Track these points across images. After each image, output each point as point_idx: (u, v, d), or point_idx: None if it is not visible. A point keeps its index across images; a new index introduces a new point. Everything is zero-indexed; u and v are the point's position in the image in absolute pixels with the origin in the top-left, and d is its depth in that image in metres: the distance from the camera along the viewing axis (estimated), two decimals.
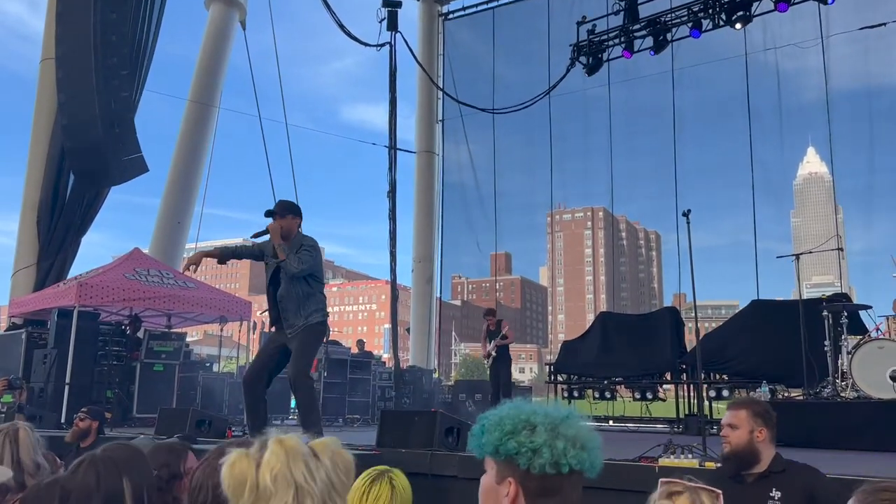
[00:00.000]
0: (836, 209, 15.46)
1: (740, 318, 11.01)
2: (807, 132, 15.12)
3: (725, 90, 15.17)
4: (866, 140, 13.58)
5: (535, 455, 1.33)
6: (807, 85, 14.38)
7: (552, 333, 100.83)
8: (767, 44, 13.69)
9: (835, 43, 13.20)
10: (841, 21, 12.76)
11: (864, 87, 13.78)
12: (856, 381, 7.23)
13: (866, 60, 13.34)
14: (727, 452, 3.23)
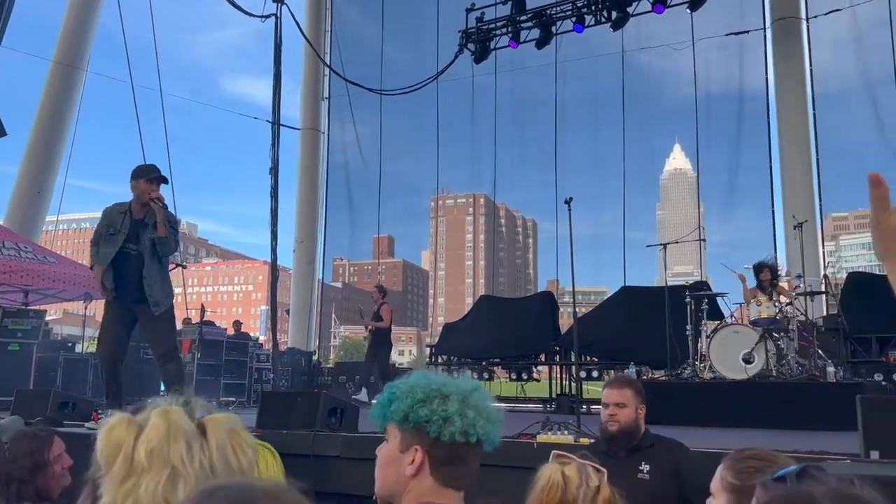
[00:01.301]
0: (699, 204, 16.53)
1: (611, 303, 11.59)
2: (674, 129, 16.03)
3: (604, 85, 15.81)
4: (728, 140, 14.57)
5: (445, 423, 1.35)
6: (676, 85, 15.26)
7: (432, 316, 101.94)
8: (642, 43, 14.37)
9: (704, 47, 14.05)
10: (710, 26, 13.58)
11: (728, 90, 14.74)
12: (713, 362, 7.80)
13: (731, 65, 14.29)
14: (616, 430, 3.30)
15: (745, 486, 1.61)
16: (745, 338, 7.62)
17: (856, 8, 12.38)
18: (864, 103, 12.81)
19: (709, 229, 15.39)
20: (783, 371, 7.55)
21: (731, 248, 16.01)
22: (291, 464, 4.85)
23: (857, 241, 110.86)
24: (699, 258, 14.54)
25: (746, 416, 6.91)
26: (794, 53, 12.76)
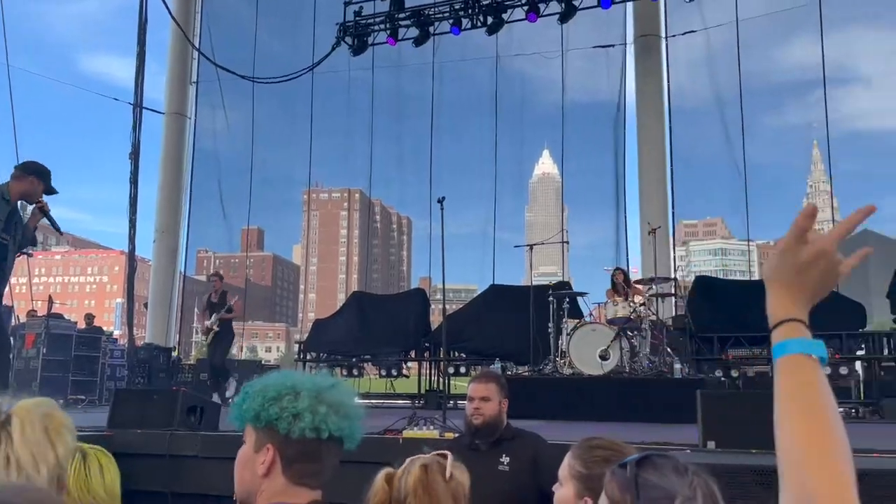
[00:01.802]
0: (564, 207, 17.22)
1: (480, 301, 11.89)
2: (543, 135, 16.59)
3: (478, 88, 16.11)
4: (591, 148, 15.30)
5: (295, 420, 1.34)
6: (546, 92, 15.81)
7: (303, 312, 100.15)
8: (516, 49, 14.79)
9: (573, 57, 14.67)
10: (579, 38, 14.20)
11: (593, 99, 15.46)
12: (572, 359, 8.18)
13: (597, 76, 15.00)
14: (480, 423, 3.36)
15: (592, 475, 1.70)
16: (601, 336, 8.05)
17: (709, 31, 13.37)
18: (714, 120, 13.87)
19: (572, 232, 16.08)
20: (635, 367, 8.04)
21: (592, 251, 16.84)
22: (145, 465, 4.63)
23: (705, 246, 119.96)
24: (563, 259, 15.16)
25: (602, 409, 7.29)
26: (654, 69, 13.60)
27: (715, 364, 9.73)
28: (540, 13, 11.94)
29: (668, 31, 13.61)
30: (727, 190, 13.75)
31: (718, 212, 15.41)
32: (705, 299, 10.35)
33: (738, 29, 13.15)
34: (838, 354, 9.28)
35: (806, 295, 0.99)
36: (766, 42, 14.32)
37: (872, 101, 19.80)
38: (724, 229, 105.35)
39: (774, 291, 1.00)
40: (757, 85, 14.04)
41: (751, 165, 13.63)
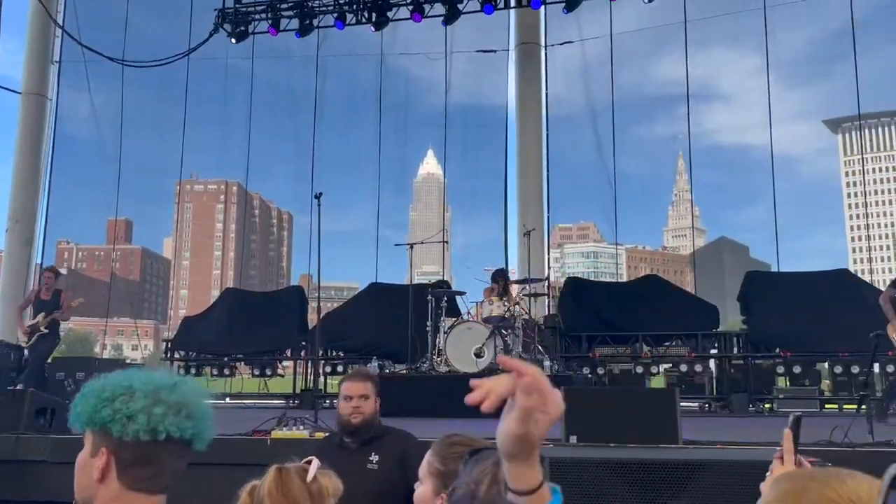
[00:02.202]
0: (447, 208, 17.42)
1: (359, 299, 11.82)
2: (428, 135, 16.72)
3: (363, 85, 16.00)
4: (473, 150, 15.57)
5: (129, 421, 1.27)
6: (431, 93, 15.95)
7: (173, 309, 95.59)
8: (401, 48, 14.82)
9: (457, 59, 14.87)
10: (463, 41, 14.41)
11: (476, 102, 15.74)
12: (448, 357, 8.30)
13: (480, 80, 15.29)
14: (360, 422, 3.33)
15: (449, 471, 1.73)
16: (477, 334, 8.22)
17: (585, 42, 13.95)
18: (588, 129, 14.49)
19: (454, 232, 16.32)
20: None
21: (472, 251, 17.17)
22: None
23: (579, 249, 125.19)
24: (443, 259, 15.32)
25: (477, 406, 7.42)
26: (534, 77, 14.03)
27: (583, 362, 10.16)
28: (425, 14, 12.03)
29: (547, 40, 14.08)
30: (599, 196, 14.40)
31: (591, 217, 16.19)
32: (575, 300, 10.80)
33: (612, 43, 13.81)
34: (693, 353, 9.93)
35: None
36: (638, 57, 15.13)
37: (731, 118, 21.34)
38: (597, 233, 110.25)
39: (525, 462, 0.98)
40: (629, 97, 14.80)
41: (621, 174, 14.35)
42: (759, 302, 10.07)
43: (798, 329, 9.47)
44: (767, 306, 9.91)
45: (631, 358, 10.17)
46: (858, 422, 4.52)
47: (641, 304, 10.44)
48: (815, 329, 9.28)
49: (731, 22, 14.19)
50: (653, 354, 10.19)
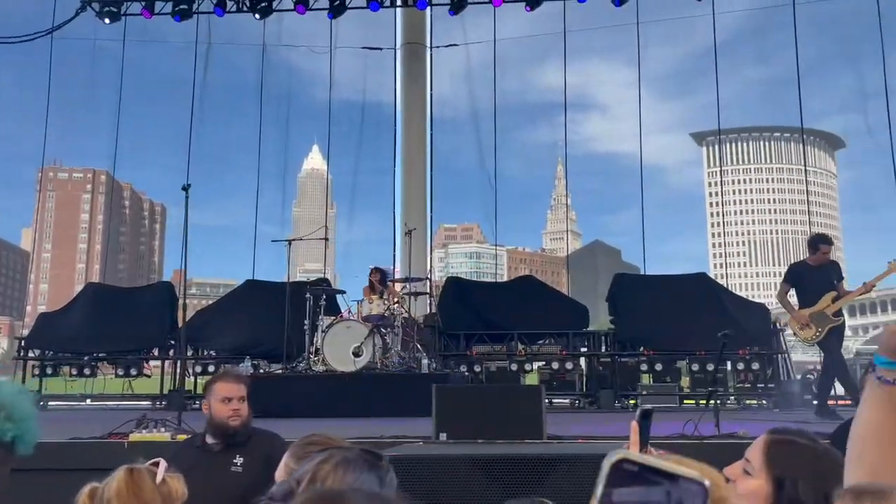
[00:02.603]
0: (331, 204, 17.20)
1: (233, 297, 11.45)
2: (313, 130, 16.45)
3: (245, 76, 15.57)
4: (359, 147, 15.47)
5: None
6: (316, 87, 15.71)
7: (32, 305, 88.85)
8: (284, 40, 14.50)
9: (343, 55, 14.71)
10: (350, 37, 14.30)
11: (362, 100, 15.63)
12: (326, 356, 8.18)
13: (367, 77, 15.20)
14: (239, 425, 3.25)
15: None
16: (356, 333, 8.16)
17: (469, 46, 14.21)
18: (471, 131, 14.76)
19: (340, 229, 16.14)
20: (387, 363, 8.26)
21: (358, 248, 17.04)
22: None
23: (463, 250, 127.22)
24: (325, 256, 15.13)
25: (354, 405, 7.39)
26: (419, 77, 14.11)
27: (461, 360, 10.31)
28: (309, 6, 11.83)
29: (433, 41, 14.21)
30: (481, 198, 14.70)
31: (474, 218, 16.47)
32: (454, 299, 10.95)
33: (495, 48, 14.13)
34: (565, 351, 10.31)
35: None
36: (520, 63, 15.58)
37: (607, 127, 22.32)
38: (480, 234, 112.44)
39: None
40: (511, 102, 15.25)
41: (502, 177, 14.73)
42: (625, 303, 10.59)
43: (660, 329, 10.03)
44: (633, 307, 10.45)
45: (507, 356, 10.42)
46: (709, 416, 4.85)
47: (517, 304, 10.72)
48: (675, 329, 9.85)
49: (607, 35, 14.88)
50: (527, 352, 10.49)
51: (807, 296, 7.05)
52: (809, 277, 7.14)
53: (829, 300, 6.87)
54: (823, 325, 6.85)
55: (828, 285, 6.96)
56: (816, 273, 7.08)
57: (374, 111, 15.19)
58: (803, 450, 1.58)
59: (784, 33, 13.54)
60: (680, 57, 17.25)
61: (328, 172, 17.06)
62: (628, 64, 14.58)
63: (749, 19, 15.06)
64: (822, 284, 6.98)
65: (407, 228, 9.78)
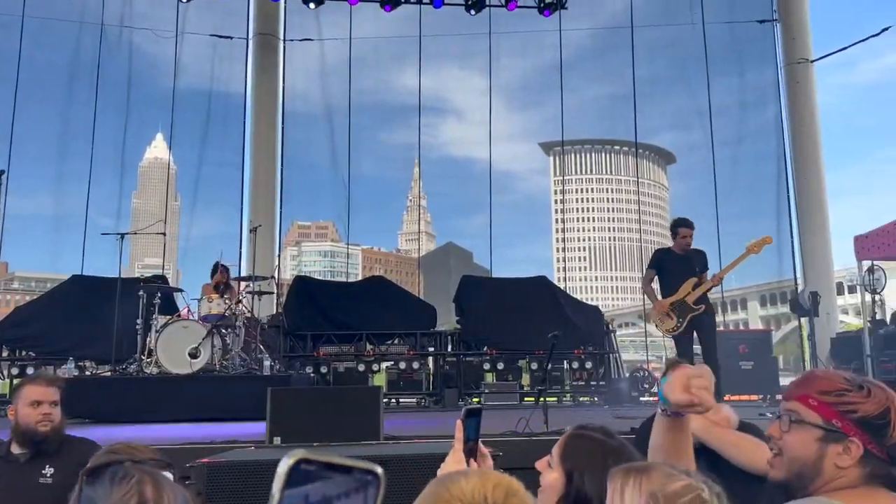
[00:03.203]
0: (175, 196, 16.30)
1: (56, 293, 10.59)
2: (158, 118, 15.51)
3: (79, 56, 14.35)
4: (207, 138, 14.74)
5: None
6: (161, 73, 14.81)
7: None
8: (125, 20, 13.59)
9: (191, 41, 14.00)
10: (199, 23, 13.62)
11: (211, 89, 14.90)
12: (159, 357, 7.76)
13: (216, 66, 14.52)
14: (49, 431, 3.02)
15: None
16: (193, 333, 7.80)
17: (325, 42, 14.00)
18: (325, 128, 14.53)
19: (184, 223, 15.33)
20: (226, 365, 7.96)
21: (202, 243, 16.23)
22: None
23: (317, 248, 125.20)
24: (164, 251, 14.35)
25: (190, 409, 7.06)
26: (271, 70, 13.72)
27: (307, 361, 10.15)
28: None
29: (286, 34, 13.87)
30: (334, 196, 14.51)
31: (328, 216, 16.24)
32: (301, 299, 10.76)
33: (351, 46, 14.02)
34: (413, 351, 10.44)
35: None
36: (377, 64, 15.51)
37: (461, 132, 22.78)
38: (335, 233, 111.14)
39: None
40: (367, 102, 15.12)
41: (358, 176, 14.61)
42: (470, 304, 10.89)
43: (502, 329, 10.41)
44: (478, 308, 10.77)
45: (354, 356, 10.38)
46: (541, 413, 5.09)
47: (366, 304, 10.71)
48: (516, 329, 10.26)
49: (462, 42, 15.19)
50: (375, 353, 10.51)
51: (669, 284, 6.70)
52: (672, 264, 6.79)
53: (689, 287, 6.51)
54: (684, 315, 6.47)
55: (690, 273, 6.57)
56: (680, 260, 6.73)
57: (222, 102, 14.53)
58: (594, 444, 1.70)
59: (623, 54, 14.47)
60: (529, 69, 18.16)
61: (172, 163, 16.17)
62: (482, 72, 14.97)
63: (593, 38, 15.95)
64: (684, 272, 6.60)
65: (252, 225, 9.47)
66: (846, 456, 1.36)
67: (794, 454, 1.41)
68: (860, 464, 1.36)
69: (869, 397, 1.37)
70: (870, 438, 1.35)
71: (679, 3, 14.53)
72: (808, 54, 13.34)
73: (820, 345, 11.24)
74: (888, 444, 1.35)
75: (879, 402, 1.37)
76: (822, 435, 1.38)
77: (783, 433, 1.44)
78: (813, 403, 1.40)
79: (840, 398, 1.38)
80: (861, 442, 1.35)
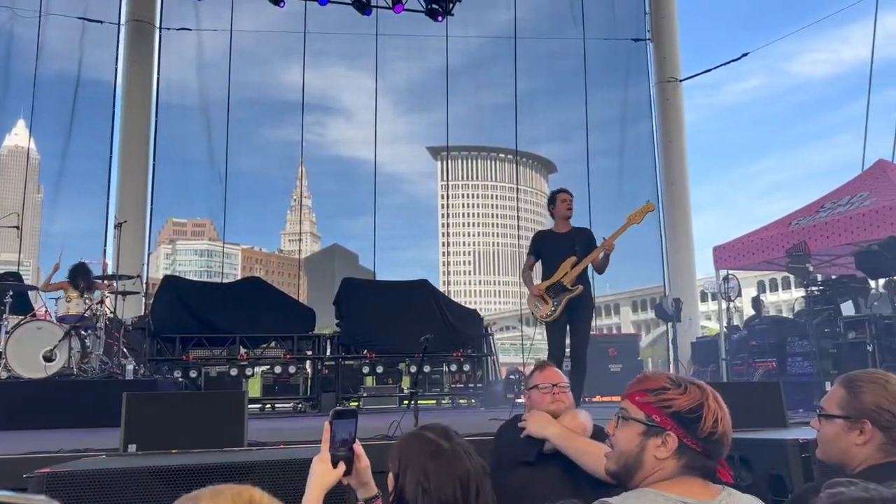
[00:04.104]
0: (38, 188, 15.13)
1: None
2: (20, 103, 14.40)
3: None
4: (72, 126, 13.81)
5: None
6: (23, 55, 13.73)
7: None
8: None
9: (56, 23, 13.08)
10: (64, 4, 12.75)
11: (79, 75, 13.99)
12: (9, 360, 7.17)
13: (85, 51, 13.63)
14: None
15: None
16: (48, 335, 7.27)
17: (203, 33, 13.46)
18: (201, 122, 13.95)
19: (47, 216, 14.30)
20: (85, 369, 7.46)
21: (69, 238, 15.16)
22: None
23: (193, 246, 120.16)
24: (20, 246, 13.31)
25: (41, 416, 6.57)
26: (145, 58, 13.04)
27: (175, 364, 9.68)
28: None
29: (163, 21, 13.22)
30: (210, 193, 13.96)
31: (205, 213, 15.62)
32: (170, 299, 10.25)
33: (231, 38, 13.55)
34: (289, 355, 10.19)
35: None
36: (259, 58, 15.10)
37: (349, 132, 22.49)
38: (213, 231, 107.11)
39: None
40: (248, 97, 14.67)
41: (237, 172, 14.13)
42: (351, 307, 10.75)
43: (382, 332, 10.34)
44: (358, 311, 10.65)
45: (227, 360, 10.01)
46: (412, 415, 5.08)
47: (241, 306, 10.35)
48: (396, 332, 10.21)
49: (349, 42, 15.05)
50: (250, 357, 10.18)
51: (548, 266, 5.98)
52: (551, 246, 6.04)
53: (567, 267, 5.82)
54: (560, 298, 5.79)
55: (569, 252, 5.85)
56: (559, 240, 6.01)
57: (91, 89, 13.64)
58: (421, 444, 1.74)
59: (507, 64, 14.82)
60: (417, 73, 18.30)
61: (34, 152, 15.04)
62: (370, 73, 14.88)
63: (479, 47, 16.24)
64: (563, 252, 5.88)
65: (118, 220, 8.92)
66: (664, 448, 1.49)
67: (622, 448, 1.55)
68: (676, 455, 1.49)
69: (684, 394, 1.50)
70: (685, 432, 1.48)
71: (562, 18, 15.08)
72: (678, 73, 14.19)
73: (682, 349, 11.96)
74: (701, 436, 1.48)
75: (693, 399, 1.50)
76: (644, 429, 1.51)
77: (615, 430, 1.59)
78: (639, 401, 1.54)
79: (658, 396, 1.51)
80: (676, 435, 1.48)
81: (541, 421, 2.86)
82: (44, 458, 3.50)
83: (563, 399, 3.03)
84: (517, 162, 22.70)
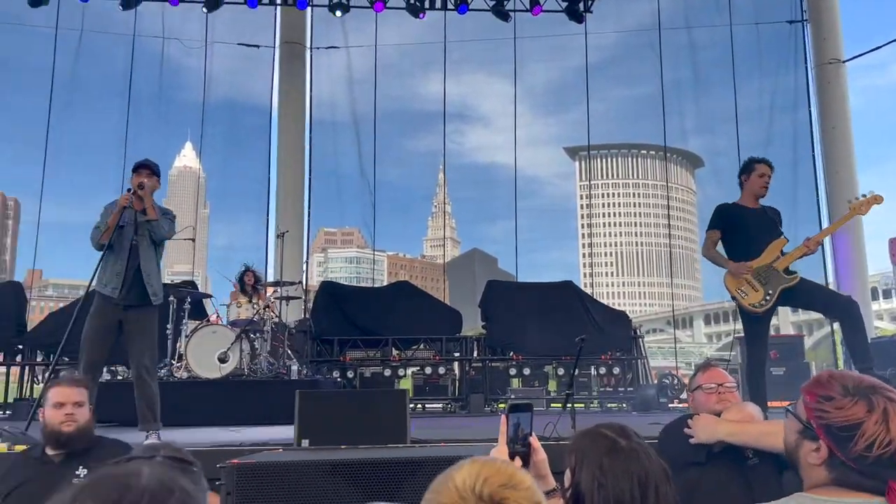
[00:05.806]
0: (205, 204, 16.46)
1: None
2: (186, 127, 15.74)
3: (112, 67, 14.65)
4: (234, 146, 14.92)
5: None
6: (189, 83, 15.04)
7: None
8: (156, 31, 13.83)
9: (218, 50, 14.19)
10: (226, 32, 13.81)
11: (239, 98, 15.10)
12: (189, 362, 7.86)
13: (244, 75, 14.71)
14: (74, 431, 3.07)
15: None
16: (222, 338, 7.89)
17: (350, 50, 14.10)
18: (351, 135, 14.61)
19: (214, 231, 15.52)
20: (255, 369, 8.04)
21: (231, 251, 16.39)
22: None
23: (343, 254, 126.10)
24: (195, 258, 14.52)
25: (219, 413, 7.14)
26: (298, 78, 13.85)
27: (334, 365, 10.21)
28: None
29: (313, 42, 14.00)
30: (360, 203, 14.59)
31: (354, 222, 16.33)
32: (328, 304, 10.83)
33: (376, 53, 14.11)
34: (438, 356, 10.45)
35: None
36: (402, 70, 15.61)
37: (486, 138, 22.70)
38: (361, 239, 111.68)
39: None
40: (392, 108, 15.20)
41: (383, 182, 14.68)
42: (496, 309, 10.86)
43: (528, 334, 10.37)
44: (503, 313, 10.74)
45: (381, 361, 10.43)
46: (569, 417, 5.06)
47: (392, 309, 10.75)
48: (542, 334, 10.21)
49: (487, 49, 15.22)
50: (401, 357, 10.55)
51: (745, 245, 4.96)
52: (747, 221, 5.03)
53: (776, 250, 4.88)
54: (774, 286, 4.80)
55: (773, 232, 4.96)
56: (757, 216, 5.05)
57: (250, 110, 14.73)
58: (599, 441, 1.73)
59: (650, 57, 14.39)
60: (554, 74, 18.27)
61: (202, 171, 16.38)
62: (507, 78, 14.96)
63: (619, 42, 15.86)
64: (766, 231, 4.96)
65: (279, 231, 9.56)
66: (816, 455, 1.47)
67: (785, 437, 1.60)
68: (827, 465, 1.45)
69: (843, 409, 1.44)
70: (836, 446, 1.44)
71: (706, 6, 14.41)
72: (840, 55, 13.13)
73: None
74: (851, 455, 1.41)
75: (850, 416, 1.43)
76: (802, 429, 1.51)
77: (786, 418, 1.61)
78: (807, 400, 1.53)
79: (820, 403, 1.48)
80: (827, 446, 1.45)
81: (707, 427, 2.77)
82: (229, 451, 3.83)
83: (730, 399, 2.92)
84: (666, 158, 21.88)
